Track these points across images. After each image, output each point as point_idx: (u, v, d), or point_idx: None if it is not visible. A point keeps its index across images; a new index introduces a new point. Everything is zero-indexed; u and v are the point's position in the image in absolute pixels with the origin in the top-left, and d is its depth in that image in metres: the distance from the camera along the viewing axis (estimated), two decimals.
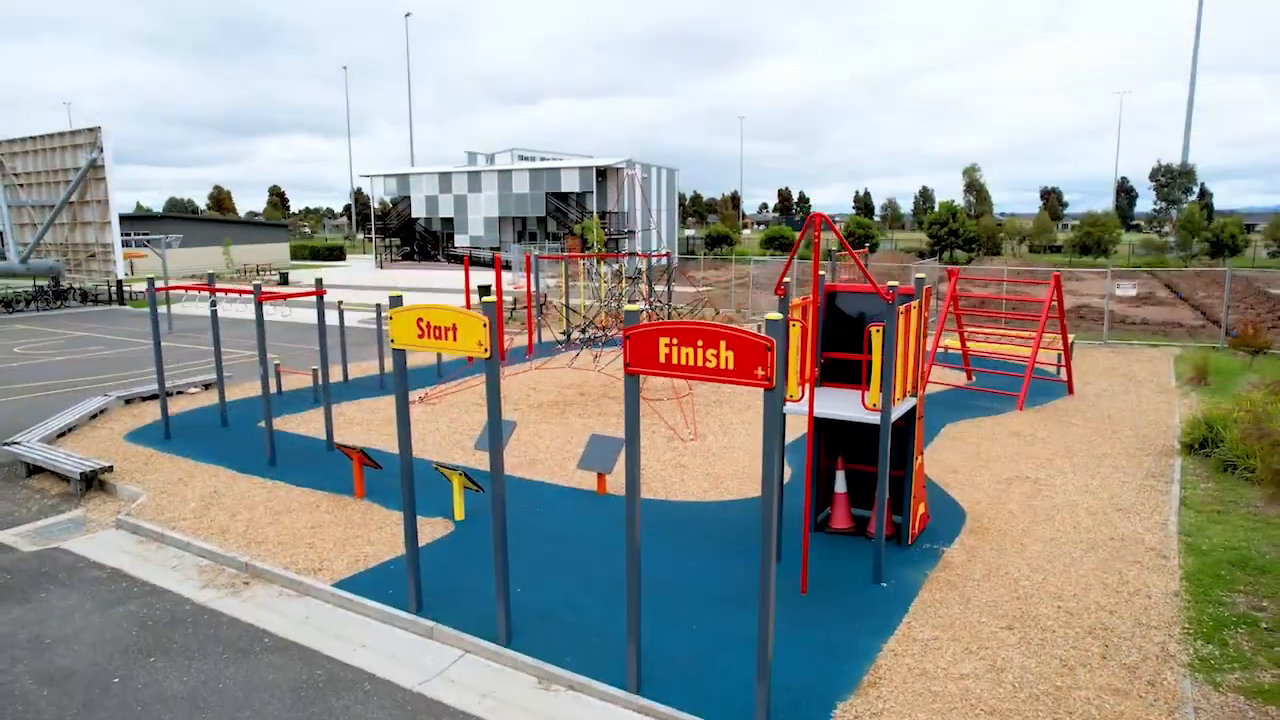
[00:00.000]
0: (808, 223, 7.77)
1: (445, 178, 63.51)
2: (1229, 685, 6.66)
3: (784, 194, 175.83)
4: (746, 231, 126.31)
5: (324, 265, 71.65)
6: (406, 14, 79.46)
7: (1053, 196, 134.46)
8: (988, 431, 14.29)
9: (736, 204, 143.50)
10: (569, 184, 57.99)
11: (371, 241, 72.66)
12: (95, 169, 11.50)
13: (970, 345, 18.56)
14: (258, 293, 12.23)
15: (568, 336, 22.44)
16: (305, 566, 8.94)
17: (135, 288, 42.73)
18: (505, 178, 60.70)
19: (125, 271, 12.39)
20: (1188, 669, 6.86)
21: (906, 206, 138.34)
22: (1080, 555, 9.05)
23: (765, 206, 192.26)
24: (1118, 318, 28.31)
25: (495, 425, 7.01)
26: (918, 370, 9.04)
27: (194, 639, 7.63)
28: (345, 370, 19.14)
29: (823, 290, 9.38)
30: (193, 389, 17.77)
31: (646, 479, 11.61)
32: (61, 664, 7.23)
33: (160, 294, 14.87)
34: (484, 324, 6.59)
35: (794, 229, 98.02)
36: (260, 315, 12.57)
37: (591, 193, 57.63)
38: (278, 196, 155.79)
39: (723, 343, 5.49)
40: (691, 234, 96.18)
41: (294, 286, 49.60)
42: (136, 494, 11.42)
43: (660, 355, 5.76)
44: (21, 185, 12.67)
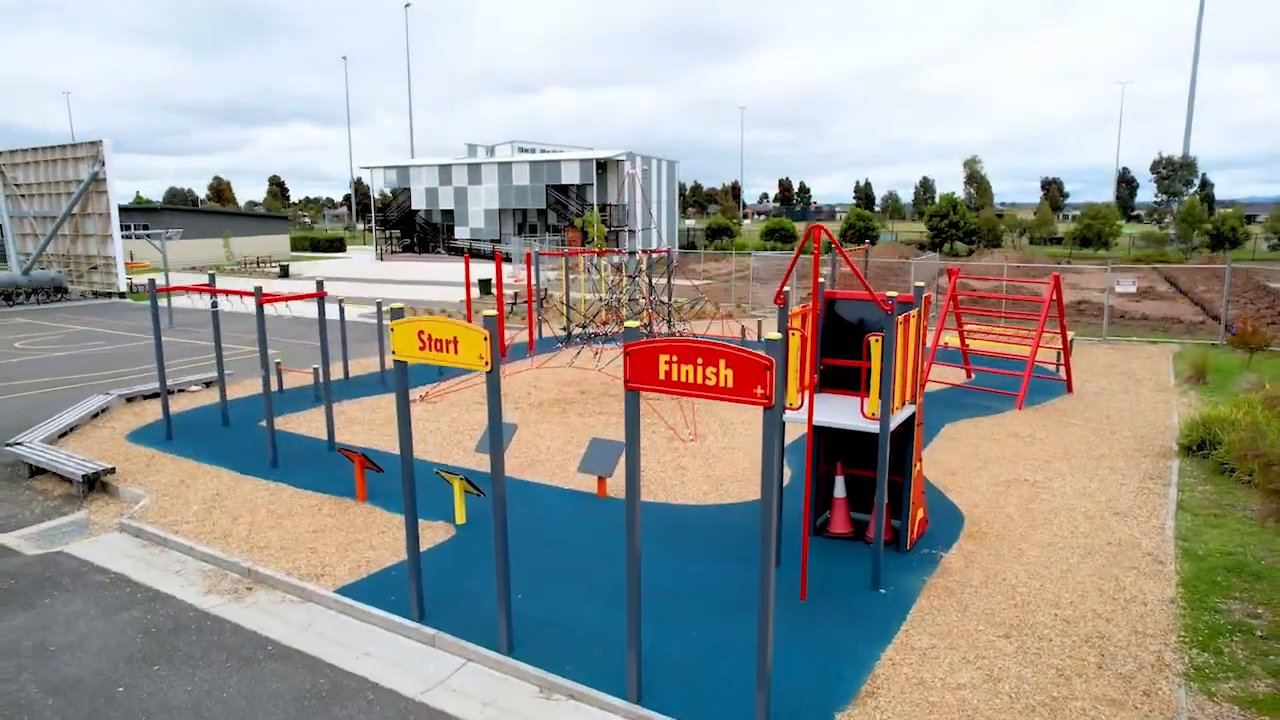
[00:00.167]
0: (806, 234, 7.80)
1: (445, 170, 63.43)
2: (1223, 695, 6.72)
3: (784, 184, 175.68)
4: (747, 222, 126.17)
5: (324, 257, 71.64)
6: (406, 3, 79.28)
7: (1054, 187, 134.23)
8: (987, 432, 14.34)
9: (737, 194, 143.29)
10: (569, 176, 57.93)
11: (372, 232, 72.63)
12: (97, 182, 11.50)
13: (970, 343, 18.58)
14: (259, 295, 12.25)
15: (568, 334, 22.47)
16: (308, 572, 9.00)
17: (136, 279, 42.75)
18: (505, 170, 60.63)
19: (126, 285, 12.38)
20: (1183, 678, 6.93)
21: (907, 196, 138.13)
22: (1077, 561, 9.11)
23: (766, 196, 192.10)
24: (1117, 313, 28.32)
25: (496, 433, 7.05)
26: (916, 378, 9.07)
27: (198, 646, 7.70)
28: (346, 367, 19.18)
29: (822, 297, 9.41)
30: (194, 387, 17.81)
31: (646, 481, 11.67)
32: (67, 673, 7.30)
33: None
34: (484, 338, 6.62)
35: (794, 220, 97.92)
36: (261, 318, 12.60)
37: (592, 185, 57.56)
38: (277, 186, 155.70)
39: (722, 361, 5.53)
40: (692, 224, 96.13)
41: (294, 279, 49.59)
42: (139, 496, 11.47)
43: (660, 372, 5.80)
44: (23, 196, 12.67)
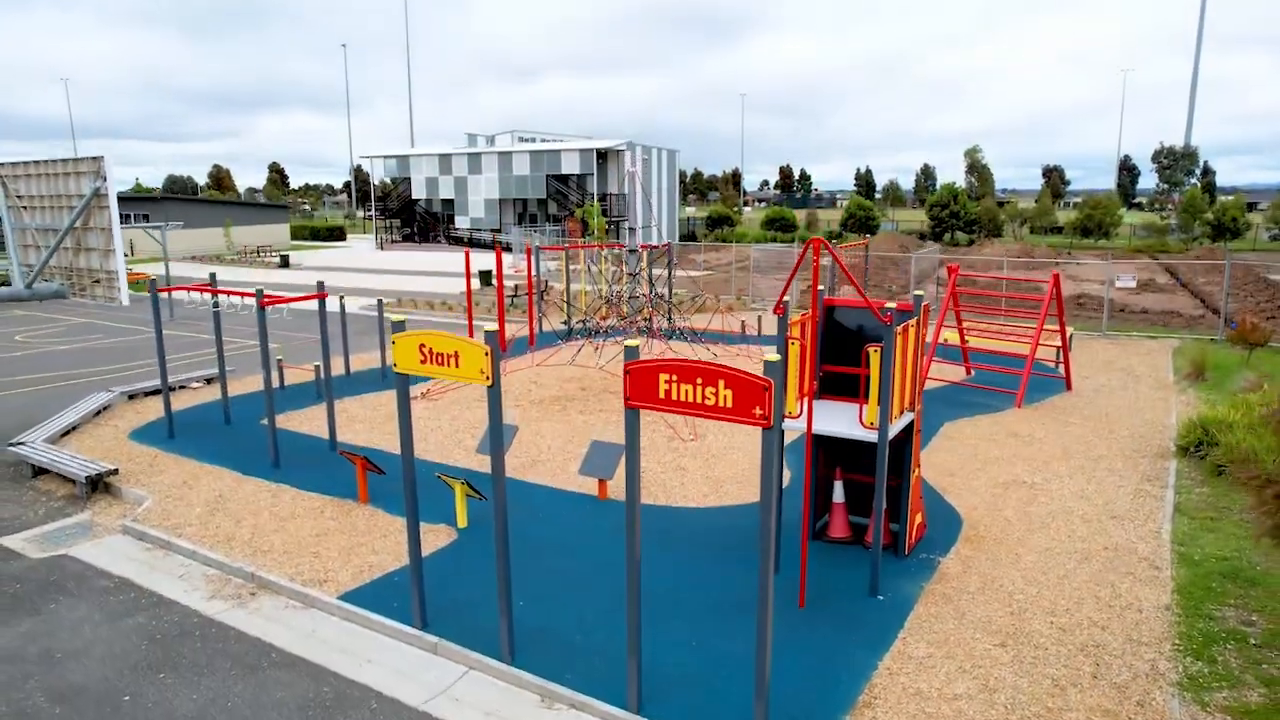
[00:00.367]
0: (806, 246, 7.83)
1: (445, 159, 63.28)
2: (1216, 705, 6.80)
3: (785, 171, 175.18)
4: (748, 209, 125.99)
5: (324, 246, 71.61)
6: None
7: (1055, 174, 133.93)
8: (986, 431, 14.39)
9: (737, 181, 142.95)
10: (569, 166, 57.82)
11: (372, 220, 72.55)
12: (99, 197, 11.51)
13: (970, 340, 18.61)
14: (260, 298, 12.28)
15: (569, 330, 22.51)
16: (311, 577, 9.08)
17: (135, 269, 42.74)
18: (505, 159, 60.49)
19: (127, 300, 12.39)
20: (1176, 688, 7.00)
21: (908, 183, 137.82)
22: (1074, 567, 9.18)
23: (766, 183, 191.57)
24: (1117, 306, 28.33)
25: (497, 440, 7.11)
26: (915, 386, 9.12)
27: (202, 654, 7.77)
28: (347, 362, 19.22)
29: (822, 304, 9.44)
30: (195, 383, 17.87)
31: (646, 482, 11.73)
32: (72, 680, 7.38)
33: (162, 277, 14.96)
34: (485, 353, 6.66)
35: (794, 208, 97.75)
36: (263, 320, 12.63)
37: (592, 175, 57.47)
38: (277, 173, 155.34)
39: (721, 381, 5.58)
40: (692, 212, 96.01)
41: (295, 269, 49.60)
42: (142, 498, 11.54)
43: (660, 391, 5.85)
44: (25, 208, 12.66)
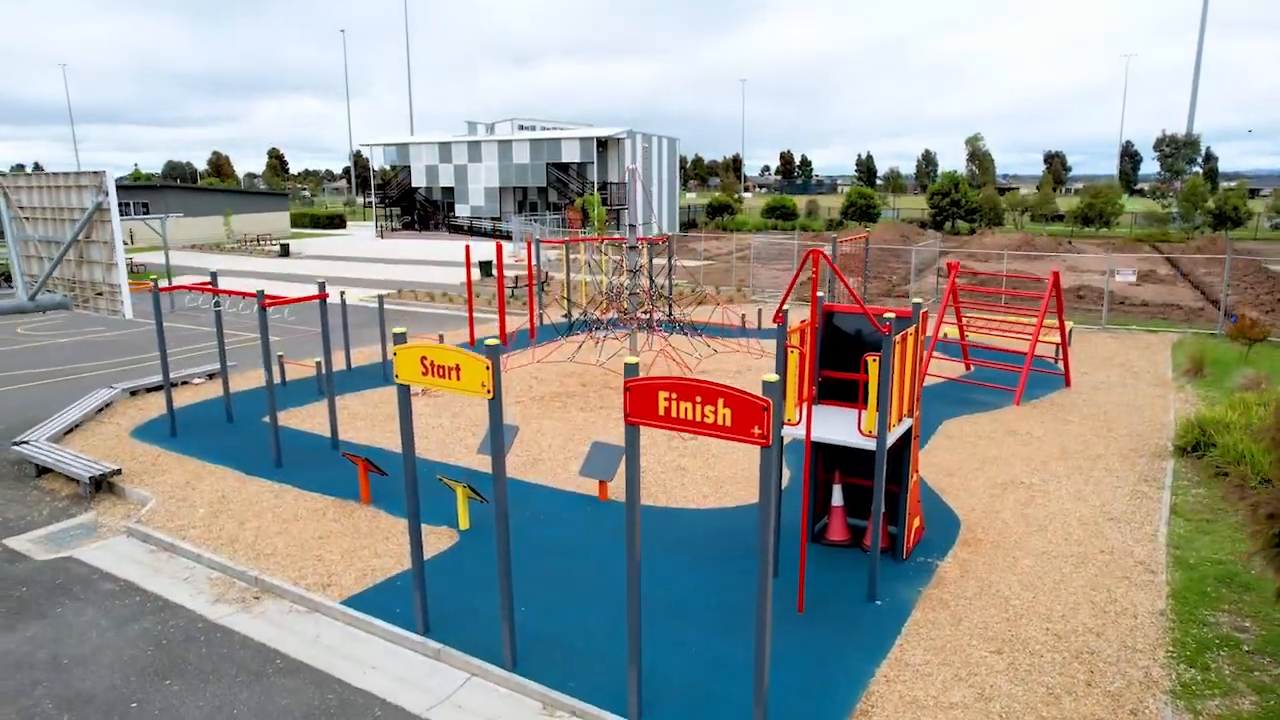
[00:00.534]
0: (805, 256, 7.87)
1: (445, 147, 63.11)
2: (1209, 713, 6.89)
3: (786, 156, 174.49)
4: (748, 195, 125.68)
5: (324, 234, 71.53)
6: None
7: (1056, 160, 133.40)
8: (985, 429, 14.45)
9: (738, 167, 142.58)
10: (569, 154, 57.67)
11: (372, 207, 72.44)
12: (101, 211, 11.51)
13: (969, 335, 18.65)
14: (261, 299, 12.33)
15: (569, 325, 22.55)
16: (314, 581, 9.16)
17: (136, 258, 42.78)
18: (505, 148, 60.33)
19: (130, 314, 12.40)
20: (1170, 696, 7.09)
21: (909, 168, 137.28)
22: (1070, 571, 9.26)
23: (767, 169, 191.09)
24: (1117, 299, 28.32)
25: (498, 446, 7.17)
26: (914, 393, 9.17)
27: (208, 660, 7.87)
28: (348, 357, 19.28)
29: (821, 310, 9.48)
30: (197, 379, 17.92)
31: (646, 483, 11.80)
32: (80, 687, 7.48)
33: (162, 266, 15.01)
34: (486, 366, 6.71)
35: (795, 195, 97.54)
36: (264, 321, 12.68)
37: (592, 163, 57.31)
38: (276, 159, 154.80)
39: (720, 400, 5.63)
40: (693, 198, 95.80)
41: (295, 257, 49.59)
42: (146, 498, 11.62)
43: (660, 408, 5.90)
44: (28, 219, 12.67)
